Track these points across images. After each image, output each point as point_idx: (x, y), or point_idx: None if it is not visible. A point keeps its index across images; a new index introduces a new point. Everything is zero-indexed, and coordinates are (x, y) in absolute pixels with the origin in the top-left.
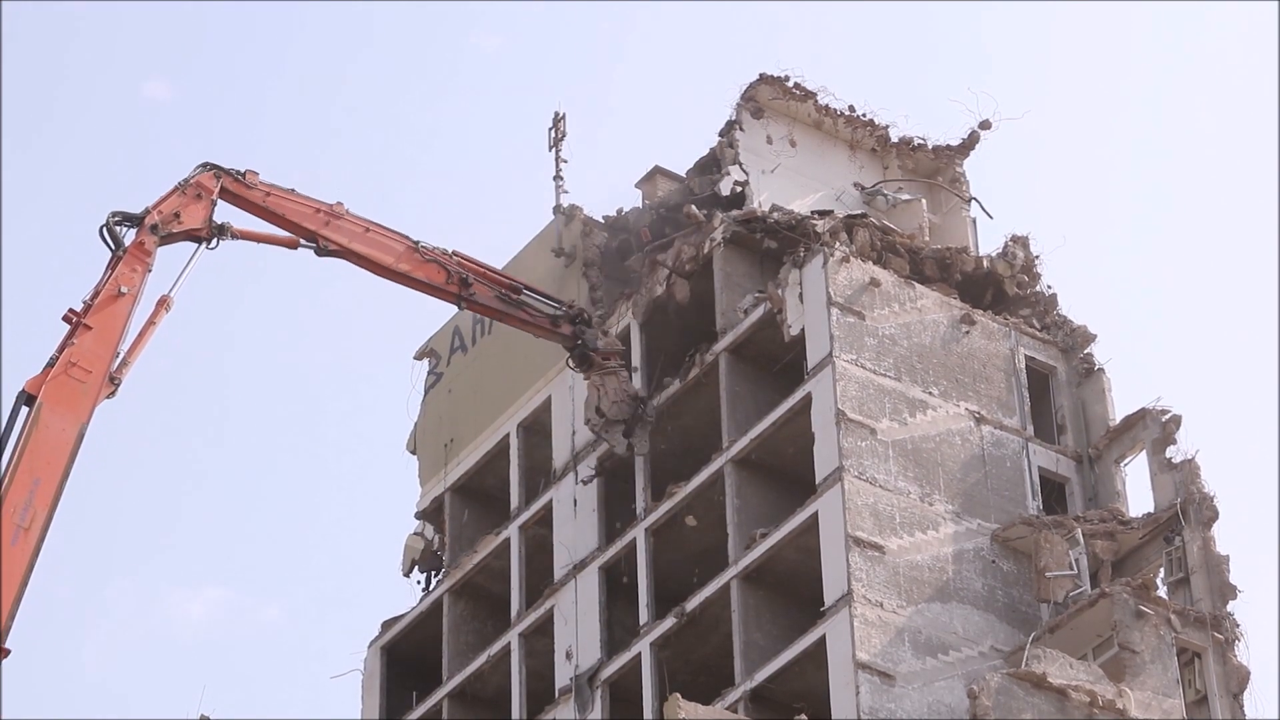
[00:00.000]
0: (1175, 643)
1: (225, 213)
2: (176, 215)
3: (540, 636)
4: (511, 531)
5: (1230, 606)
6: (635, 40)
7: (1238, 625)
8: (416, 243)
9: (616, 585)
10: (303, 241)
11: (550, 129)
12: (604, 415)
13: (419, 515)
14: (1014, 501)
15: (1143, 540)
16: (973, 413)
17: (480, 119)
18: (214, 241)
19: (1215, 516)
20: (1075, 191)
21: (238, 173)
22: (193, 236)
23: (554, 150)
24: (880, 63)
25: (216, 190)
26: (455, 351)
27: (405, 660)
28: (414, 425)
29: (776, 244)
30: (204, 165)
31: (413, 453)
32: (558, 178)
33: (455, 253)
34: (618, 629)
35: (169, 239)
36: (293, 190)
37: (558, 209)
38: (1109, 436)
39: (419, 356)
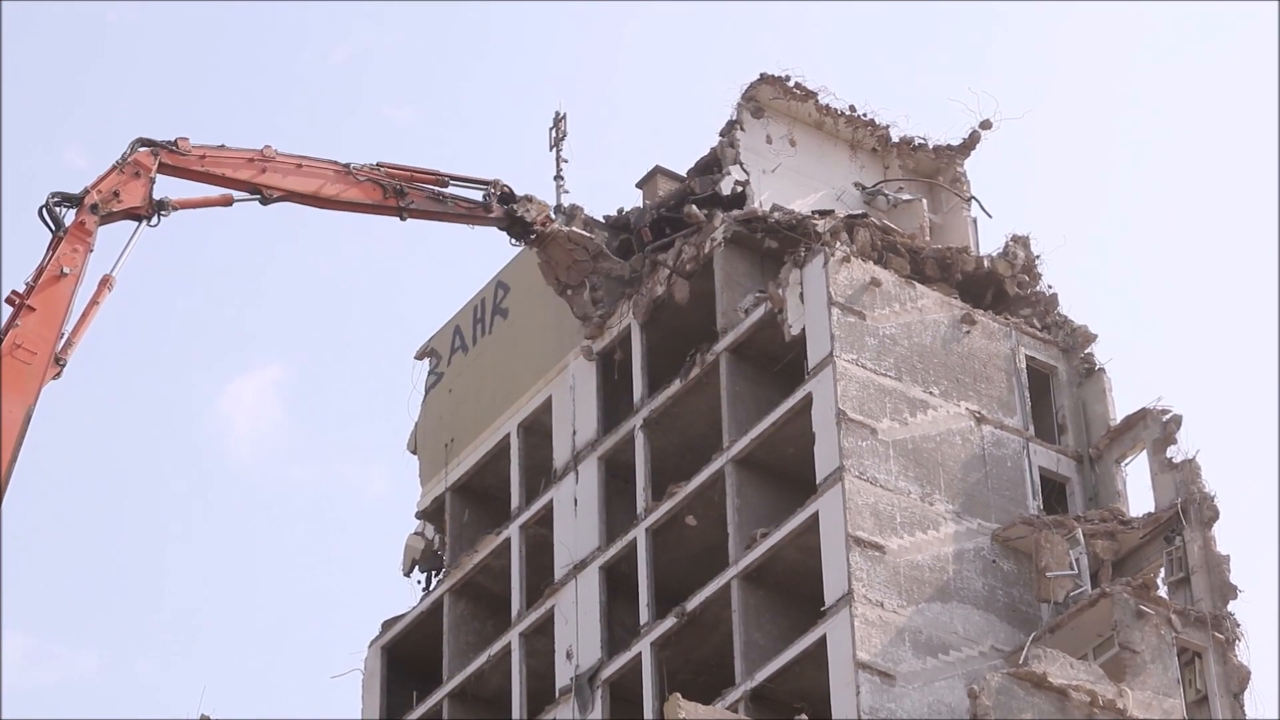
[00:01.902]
0: (1176, 642)
1: (164, 185)
2: (116, 194)
3: (540, 636)
4: (512, 531)
5: (1230, 606)
6: (635, 40)
7: (1238, 625)
8: (347, 165)
9: (617, 585)
10: (238, 196)
11: (551, 129)
12: (567, 284)
13: (419, 515)
14: (1014, 501)
15: (1143, 540)
16: (973, 412)
17: (480, 118)
18: (155, 219)
19: (1215, 516)
20: (1075, 191)
21: (170, 143)
22: (133, 215)
23: (555, 150)
24: (880, 63)
25: (155, 167)
26: (456, 351)
27: (405, 660)
28: (414, 425)
29: (777, 244)
30: (139, 141)
31: (413, 452)
32: (558, 177)
33: (381, 164)
34: (618, 629)
35: (109, 218)
36: (222, 145)
37: (558, 208)
38: (1109, 436)
39: (419, 356)
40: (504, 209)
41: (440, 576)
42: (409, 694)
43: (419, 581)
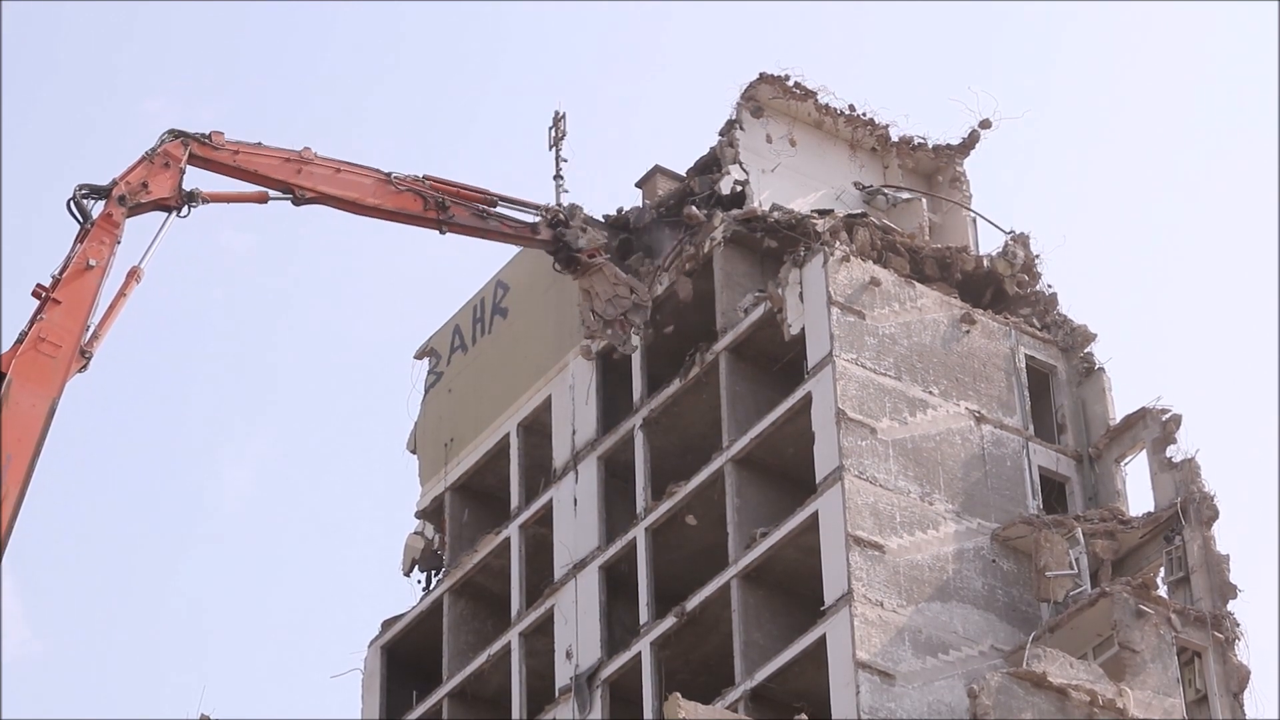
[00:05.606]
0: (1175, 642)
1: (194, 178)
2: (144, 185)
3: (540, 636)
4: (512, 531)
5: (1230, 606)
6: (635, 40)
7: (1238, 624)
8: (389, 174)
9: (617, 584)
10: (272, 194)
11: (550, 128)
12: (601, 317)
13: (419, 514)
14: (1014, 501)
15: (1143, 539)
16: (973, 412)
17: (480, 117)
18: (185, 210)
19: (1215, 516)
20: (1076, 191)
21: (203, 136)
22: (162, 206)
23: (554, 149)
24: (880, 63)
25: (184, 158)
26: (455, 351)
27: (405, 660)
28: (414, 424)
29: (777, 243)
30: (170, 132)
31: (413, 452)
32: (558, 177)
33: (427, 177)
34: (618, 628)
35: (137, 210)
36: (259, 143)
37: (557, 207)
38: (1109, 436)
39: (419, 356)
40: (553, 232)
41: (440, 576)
42: (409, 694)
43: (419, 581)
